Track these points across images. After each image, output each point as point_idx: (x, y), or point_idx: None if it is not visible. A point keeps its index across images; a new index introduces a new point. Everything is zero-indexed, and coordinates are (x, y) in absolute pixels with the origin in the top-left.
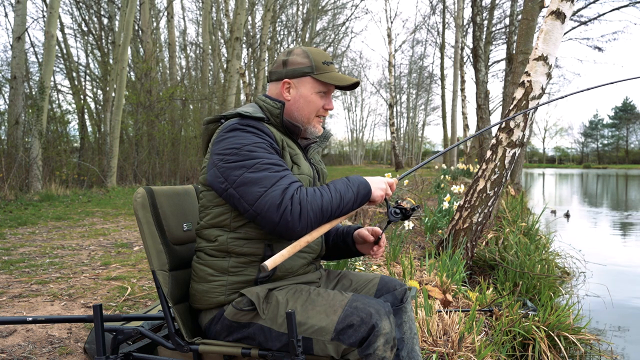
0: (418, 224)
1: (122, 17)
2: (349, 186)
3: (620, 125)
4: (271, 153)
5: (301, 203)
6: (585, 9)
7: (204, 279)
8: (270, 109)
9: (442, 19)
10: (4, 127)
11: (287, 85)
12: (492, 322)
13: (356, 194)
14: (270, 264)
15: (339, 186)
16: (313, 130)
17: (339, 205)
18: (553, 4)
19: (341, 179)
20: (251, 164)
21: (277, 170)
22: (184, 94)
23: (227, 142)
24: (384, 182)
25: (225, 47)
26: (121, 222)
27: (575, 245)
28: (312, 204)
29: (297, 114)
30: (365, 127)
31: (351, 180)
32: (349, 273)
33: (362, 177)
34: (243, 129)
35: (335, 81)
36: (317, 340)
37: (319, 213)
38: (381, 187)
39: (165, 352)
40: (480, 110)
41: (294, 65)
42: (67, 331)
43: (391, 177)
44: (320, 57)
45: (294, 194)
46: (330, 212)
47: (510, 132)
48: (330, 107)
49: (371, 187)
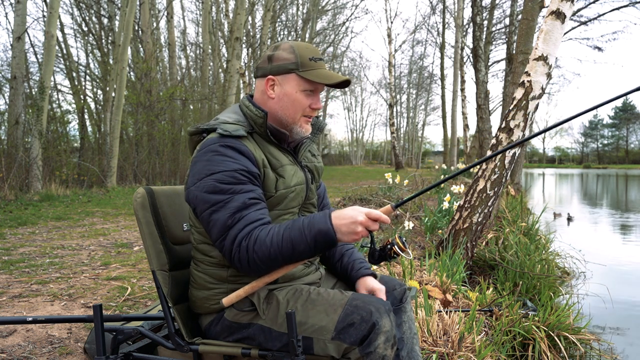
0: (418, 224)
1: (122, 17)
2: (303, 234)
3: (620, 125)
4: (241, 183)
5: (248, 252)
6: (585, 9)
7: (203, 286)
8: (253, 117)
9: (442, 19)
10: (4, 127)
11: (271, 82)
12: (492, 322)
13: (312, 244)
14: (226, 302)
15: (294, 234)
16: (299, 131)
17: (291, 255)
18: (553, 4)
19: (302, 221)
20: (216, 201)
21: (239, 209)
22: (184, 94)
23: (201, 166)
24: (359, 221)
25: (225, 47)
26: (121, 222)
27: (575, 245)
28: (259, 253)
29: (281, 114)
30: (365, 127)
31: (307, 228)
32: None
33: (327, 220)
34: (217, 152)
35: (320, 79)
36: (318, 339)
37: (267, 261)
38: (354, 231)
39: (165, 352)
40: (480, 110)
41: (278, 61)
42: (67, 331)
43: (391, 177)
44: (308, 52)
45: (242, 241)
46: (281, 260)
47: (510, 132)
48: (317, 107)
49: (335, 235)
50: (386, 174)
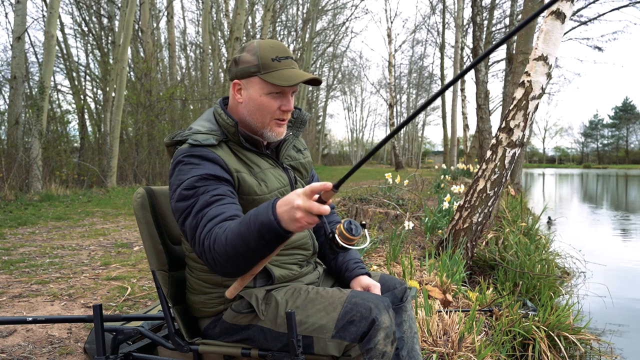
0: (418, 224)
1: (122, 17)
2: (250, 229)
3: (620, 125)
4: (205, 185)
5: (211, 251)
6: (585, 9)
7: (199, 290)
8: (225, 126)
9: (442, 19)
10: (4, 127)
11: (238, 87)
12: (492, 322)
13: (260, 239)
14: (228, 294)
15: (243, 229)
16: (270, 135)
17: (246, 252)
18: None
19: (250, 213)
20: (184, 208)
21: (202, 208)
22: (184, 94)
23: (173, 179)
24: (295, 205)
25: (225, 47)
26: (121, 222)
27: (576, 245)
28: (219, 251)
29: (249, 119)
30: (365, 127)
31: (252, 221)
32: None
33: (269, 210)
34: (183, 161)
35: (280, 80)
36: (318, 338)
37: (228, 260)
38: (294, 217)
39: (165, 352)
40: (480, 110)
41: (242, 64)
42: (67, 331)
43: (391, 177)
44: (270, 52)
45: (204, 241)
46: (240, 259)
47: (510, 132)
48: (287, 109)
49: (280, 226)
50: (386, 174)
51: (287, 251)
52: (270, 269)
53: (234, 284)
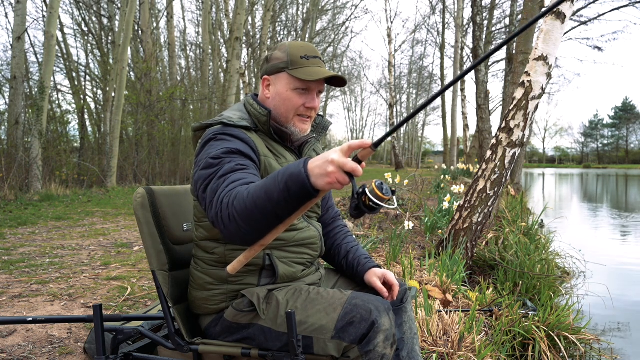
0: (418, 224)
1: (122, 17)
2: (276, 180)
3: (620, 125)
4: (232, 155)
5: (228, 208)
6: (585, 9)
7: (202, 287)
8: (257, 115)
9: (442, 19)
10: (4, 127)
11: (267, 82)
12: (492, 322)
13: (285, 191)
14: (231, 270)
15: (268, 182)
16: (294, 131)
17: (265, 206)
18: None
19: (279, 170)
20: (207, 175)
21: (226, 173)
22: (184, 94)
23: (202, 153)
24: (330, 159)
25: (225, 47)
26: (121, 222)
27: (576, 245)
28: (237, 207)
29: (275, 113)
30: (365, 127)
31: (281, 173)
32: None
33: (301, 163)
34: (215, 138)
35: (305, 76)
36: (318, 338)
37: (245, 216)
38: (326, 171)
39: (165, 352)
40: (480, 110)
41: (273, 60)
42: (67, 331)
43: (391, 177)
44: (300, 51)
45: (223, 199)
46: (258, 214)
47: (510, 132)
48: (312, 106)
49: (308, 178)
50: (386, 174)
51: (295, 249)
52: (276, 264)
53: (239, 257)
